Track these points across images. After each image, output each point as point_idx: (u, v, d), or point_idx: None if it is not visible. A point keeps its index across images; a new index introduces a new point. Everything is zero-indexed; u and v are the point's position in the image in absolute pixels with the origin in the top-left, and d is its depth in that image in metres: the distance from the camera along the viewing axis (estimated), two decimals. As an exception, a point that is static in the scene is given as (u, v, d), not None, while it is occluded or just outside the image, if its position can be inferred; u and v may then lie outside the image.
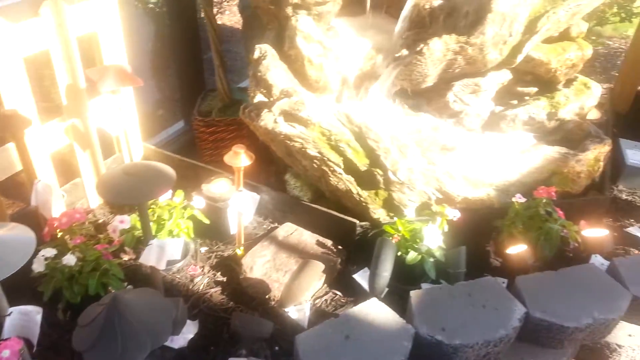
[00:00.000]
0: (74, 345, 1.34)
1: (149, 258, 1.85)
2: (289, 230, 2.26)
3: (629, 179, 2.69)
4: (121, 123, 2.25)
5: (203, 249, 2.23)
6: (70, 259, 1.76)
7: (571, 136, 2.39)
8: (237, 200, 2.07)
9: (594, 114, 2.95)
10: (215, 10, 5.08)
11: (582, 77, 2.51)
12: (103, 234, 2.07)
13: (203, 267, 2.15)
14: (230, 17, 5.23)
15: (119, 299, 1.31)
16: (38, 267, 1.75)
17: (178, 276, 2.10)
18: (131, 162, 2.33)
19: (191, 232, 2.09)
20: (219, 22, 5.18)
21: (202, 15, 2.72)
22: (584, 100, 2.44)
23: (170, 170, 1.64)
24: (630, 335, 1.91)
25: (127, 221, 1.96)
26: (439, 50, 2.14)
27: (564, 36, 2.37)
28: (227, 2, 5.02)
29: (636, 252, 2.24)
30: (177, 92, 3.22)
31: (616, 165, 2.69)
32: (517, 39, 2.16)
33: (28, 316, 1.67)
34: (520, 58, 2.22)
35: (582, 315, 1.77)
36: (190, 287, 2.06)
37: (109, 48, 2.18)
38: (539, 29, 2.12)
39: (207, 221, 2.12)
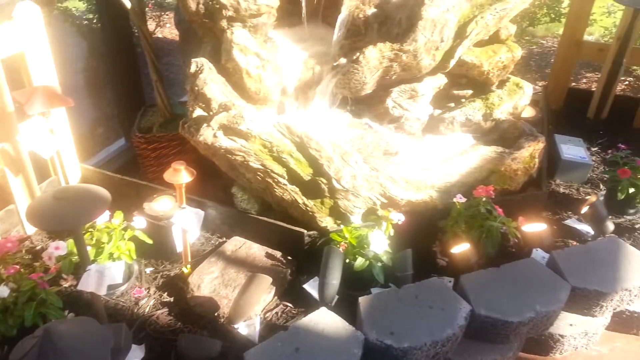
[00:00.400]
0: (6, 383, 1.27)
1: (88, 284, 1.78)
2: (237, 244, 2.24)
3: (565, 173, 2.81)
4: (54, 145, 2.17)
5: (148, 270, 2.17)
6: (3, 291, 1.68)
7: (507, 135, 2.47)
8: (180, 217, 2.03)
9: (529, 112, 3.06)
10: (154, 24, 5.01)
11: (514, 77, 2.61)
12: (39, 261, 1.99)
13: (148, 288, 2.09)
14: (171, 29, 5.15)
15: (52, 330, 1.26)
16: (-32, 302, 1.65)
17: (122, 300, 2.03)
18: (62, 186, 2.24)
19: (133, 253, 2.03)
20: (159, 35, 5.10)
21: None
22: (516, 99, 2.53)
23: (103, 192, 1.59)
24: (571, 324, 1.99)
25: (62, 247, 1.88)
26: (374, 58, 2.17)
27: (494, 39, 2.45)
28: (167, 15, 4.95)
29: (574, 243, 2.34)
30: (116, 109, 3.14)
31: (553, 160, 2.80)
32: (448, 45, 2.21)
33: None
34: (452, 62, 2.28)
35: (524, 309, 1.83)
36: (136, 310, 1.99)
37: (37, 68, 2.10)
38: (468, 33, 2.19)
39: (149, 241, 2.06)
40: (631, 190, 2.41)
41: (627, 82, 4.32)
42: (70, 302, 1.94)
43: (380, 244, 1.96)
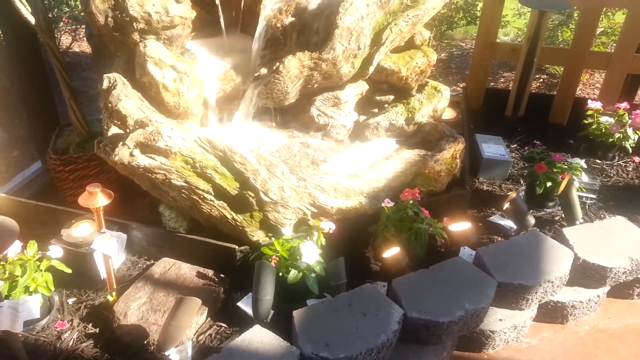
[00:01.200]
0: None
1: (1, 322, 1.65)
2: (166, 266, 2.15)
3: (487, 171, 2.91)
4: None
5: (70, 301, 2.05)
6: None
7: (429, 138, 2.53)
8: (100, 243, 1.93)
9: (450, 114, 3.16)
10: (71, 37, 4.78)
11: (433, 81, 2.67)
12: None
13: (72, 320, 1.97)
14: (89, 43, 4.93)
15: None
16: None
17: (43, 335, 1.90)
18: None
19: (51, 284, 1.91)
20: (76, 49, 4.88)
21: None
22: (435, 103, 2.59)
23: (10, 223, 1.48)
24: (500, 319, 2.05)
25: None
26: (295, 67, 2.16)
27: (410, 45, 2.50)
28: (83, 28, 4.73)
29: (499, 239, 2.42)
30: (31, 130, 2.96)
31: (475, 159, 2.90)
32: (366, 52, 2.24)
33: None
34: (371, 69, 2.31)
35: (454, 308, 1.87)
36: (58, 345, 1.87)
37: None
38: (384, 40, 2.22)
39: (68, 270, 1.94)
40: (548, 184, 2.53)
41: (541, 80, 4.56)
42: (-18, 343, 1.79)
43: (312, 255, 1.94)
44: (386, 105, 2.60)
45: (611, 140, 2.97)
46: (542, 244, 2.19)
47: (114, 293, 2.03)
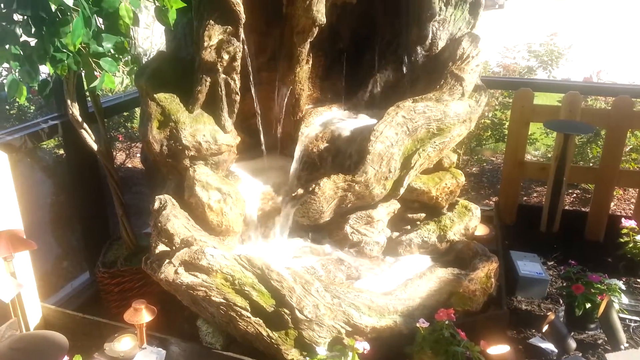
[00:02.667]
0: None
1: None
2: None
3: (524, 289, 2.89)
4: (15, 289, 2.15)
5: (106, 416, 2.07)
6: None
7: (462, 255, 2.57)
8: (141, 359, 1.99)
9: (483, 230, 3.19)
10: (125, 154, 5.18)
11: (463, 200, 2.77)
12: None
13: None
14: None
15: None
16: None
17: None
18: (18, 335, 2.19)
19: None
20: (129, 165, 5.25)
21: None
22: (467, 221, 2.67)
23: (60, 339, 1.58)
24: None
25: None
26: (329, 188, 2.31)
27: (439, 167, 2.65)
28: (137, 146, 5.14)
29: (540, 363, 2.35)
30: (82, 242, 3.16)
31: (511, 277, 2.89)
32: (396, 175, 2.38)
33: None
34: (402, 190, 2.43)
35: None
36: None
37: (2, 213, 2.14)
38: (413, 164, 2.37)
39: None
40: (587, 305, 2.48)
41: (575, 195, 4.59)
42: None
43: (342, 375, 1.94)
44: (418, 223, 2.69)
45: (648, 260, 2.93)
46: (583, 369, 2.12)
47: (148, 410, 2.05)
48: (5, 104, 3.13)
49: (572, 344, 2.33)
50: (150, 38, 4.52)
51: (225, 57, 2.26)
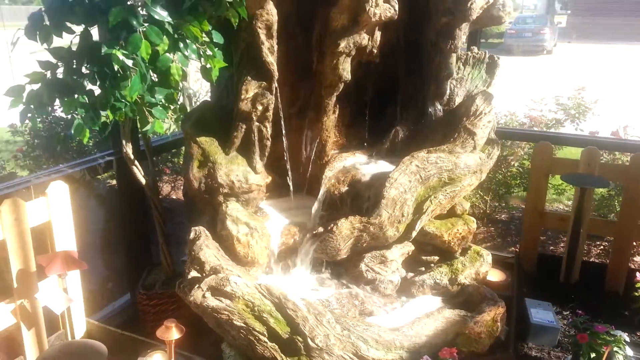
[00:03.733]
0: None
1: None
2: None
3: (535, 337, 2.97)
4: (66, 303, 2.46)
5: (134, 423, 2.31)
6: None
7: (472, 299, 2.72)
8: (169, 373, 2.24)
9: (499, 276, 3.33)
10: (170, 187, 5.57)
11: (475, 246, 2.93)
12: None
13: None
14: (184, 192, 5.69)
15: None
16: None
17: None
18: (67, 341, 2.49)
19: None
20: (174, 196, 5.64)
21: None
22: (478, 266, 2.82)
23: (101, 348, 1.85)
24: None
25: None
26: (346, 228, 2.54)
27: (452, 213, 2.83)
28: (181, 179, 5.52)
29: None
30: (126, 266, 3.47)
31: (524, 324, 3.00)
32: (409, 219, 2.59)
33: None
34: (414, 233, 2.63)
35: None
36: None
37: (60, 235, 2.48)
38: (425, 210, 2.58)
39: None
40: (592, 355, 2.57)
41: (601, 247, 4.61)
42: None
43: (348, 402, 2.12)
44: (432, 265, 2.87)
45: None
46: (579, 414, 2.21)
47: (171, 420, 2.28)
48: (69, 140, 3.54)
49: (573, 390, 2.42)
50: (200, 81, 4.94)
51: (259, 107, 2.56)
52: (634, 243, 3.66)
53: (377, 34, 2.82)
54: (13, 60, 2.44)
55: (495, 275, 3.36)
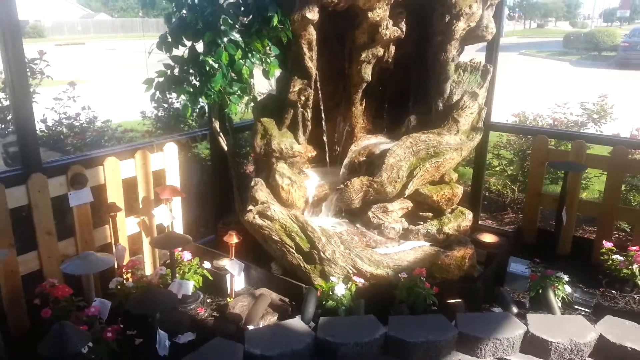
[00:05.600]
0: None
1: (174, 288, 3.22)
2: (263, 292, 3.55)
3: (510, 283, 3.79)
4: (170, 219, 3.78)
5: (208, 300, 3.56)
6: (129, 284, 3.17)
7: (451, 243, 3.65)
8: (230, 265, 3.45)
9: (492, 238, 4.19)
10: (246, 161, 6.87)
11: (461, 207, 3.84)
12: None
13: (205, 309, 3.45)
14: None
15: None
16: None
17: (192, 310, 3.40)
18: (169, 232, 3.77)
19: (199, 283, 3.45)
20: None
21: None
22: (460, 221, 3.73)
23: (187, 237, 3.09)
24: (460, 359, 2.96)
25: (163, 270, 3.38)
26: (357, 184, 3.60)
27: (442, 181, 3.77)
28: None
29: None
30: (212, 210, 4.71)
31: (506, 273, 3.83)
32: (404, 180, 3.58)
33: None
34: (407, 192, 3.61)
35: (420, 337, 2.90)
36: (196, 316, 3.35)
37: (169, 176, 3.81)
38: (415, 174, 3.56)
39: (210, 277, 3.48)
40: (538, 289, 3.39)
41: (618, 236, 5.16)
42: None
43: (340, 290, 3.19)
44: (427, 220, 3.82)
45: (622, 274, 3.67)
46: (506, 319, 3.09)
47: (231, 298, 3.49)
48: (178, 117, 4.95)
49: (514, 309, 3.28)
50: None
51: (302, 98, 3.72)
52: (615, 222, 4.29)
53: (392, 48, 3.87)
54: (148, 62, 3.78)
55: (490, 239, 4.22)
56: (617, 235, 4.60)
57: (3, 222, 2.96)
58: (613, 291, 3.75)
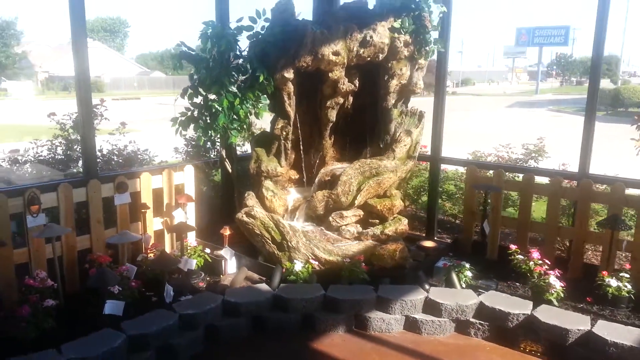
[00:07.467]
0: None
1: (183, 265, 4.58)
2: (247, 272, 4.84)
3: (436, 275, 4.94)
4: (185, 219, 5.18)
5: (208, 278, 4.88)
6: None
7: (389, 241, 4.87)
8: (224, 252, 4.79)
9: (431, 244, 5.37)
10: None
11: (398, 215, 5.07)
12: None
13: (203, 282, 4.77)
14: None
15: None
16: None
17: (195, 283, 4.73)
18: (180, 222, 5.15)
19: (201, 263, 4.79)
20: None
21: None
22: (397, 225, 4.95)
23: (192, 226, 4.48)
24: (377, 316, 4.14)
25: (179, 248, 4.75)
26: (320, 196, 4.91)
27: (385, 195, 5.03)
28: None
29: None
30: (218, 218, 6.06)
31: (434, 268, 4.99)
32: (353, 194, 4.87)
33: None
34: (356, 202, 4.87)
35: (348, 297, 4.12)
36: (197, 286, 4.67)
37: (188, 189, 5.25)
38: (362, 189, 4.84)
39: (209, 259, 4.83)
40: (444, 274, 4.55)
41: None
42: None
43: (298, 267, 4.46)
44: (375, 225, 5.07)
45: (522, 269, 4.76)
46: (414, 290, 4.26)
47: (223, 275, 4.80)
48: (196, 147, 6.46)
49: (426, 286, 4.44)
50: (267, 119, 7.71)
51: (284, 133, 5.12)
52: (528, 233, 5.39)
53: (351, 99, 5.28)
54: (175, 107, 5.33)
55: (430, 244, 5.41)
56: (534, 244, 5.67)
57: (69, 211, 4.42)
58: (517, 283, 4.84)
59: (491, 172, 5.54)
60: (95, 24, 72.31)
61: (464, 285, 4.51)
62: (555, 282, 4.28)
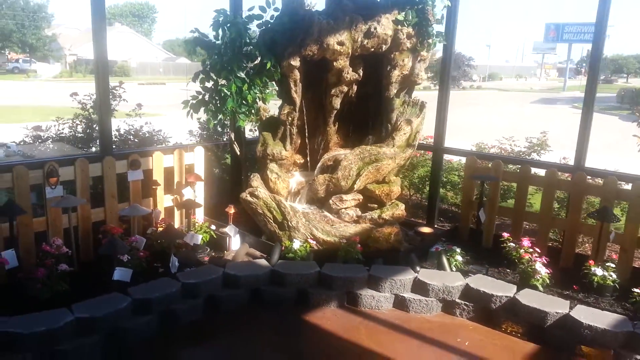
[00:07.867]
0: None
1: (189, 240, 4.88)
2: (249, 248, 5.12)
3: (430, 258, 5.14)
4: (194, 196, 5.47)
5: (213, 254, 5.17)
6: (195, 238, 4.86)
7: (385, 225, 5.09)
8: (229, 229, 5.08)
9: (428, 230, 5.56)
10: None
11: (396, 200, 5.28)
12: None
13: (207, 256, 5.06)
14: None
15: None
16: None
17: (200, 257, 5.02)
18: (188, 199, 5.45)
19: (206, 239, 5.08)
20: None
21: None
22: (394, 210, 5.16)
23: (198, 203, 4.76)
24: (368, 293, 4.37)
25: (184, 227, 5.05)
26: (321, 179, 5.15)
27: (384, 181, 5.24)
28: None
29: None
30: (228, 195, 6.36)
31: (428, 252, 5.19)
32: (353, 178, 5.09)
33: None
34: (355, 187, 5.09)
35: (343, 275, 4.36)
36: (201, 259, 4.96)
37: (197, 169, 5.53)
38: (361, 174, 5.05)
39: (215, 236, 5.11)
40: (435, 258, 4.75)
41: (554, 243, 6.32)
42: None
43: (296, 245, 4.71)
44: (373, 209, 5.29)
45: (512, 256, 4.93)
46: (404, 270, 4.48)
47: (227, 251, 5.08)
48: (209, 130, 6.74)
49: (417, 268, 4.66)
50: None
51: (289, 119, 5.36)
52: (523, 222, 5.55)
53: (355, 87, 5.48)
54: (187, 91, 5.62)
55: (427, 230, 5.61)
56: (530, 233, 5.82)
57: (85, 184, 4.74)
58: (507, 269, 5.01)
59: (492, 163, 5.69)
60: (125, 9, 73.35)
61: (454, 269, 4.71)
62: (541, 269, 4.45)
